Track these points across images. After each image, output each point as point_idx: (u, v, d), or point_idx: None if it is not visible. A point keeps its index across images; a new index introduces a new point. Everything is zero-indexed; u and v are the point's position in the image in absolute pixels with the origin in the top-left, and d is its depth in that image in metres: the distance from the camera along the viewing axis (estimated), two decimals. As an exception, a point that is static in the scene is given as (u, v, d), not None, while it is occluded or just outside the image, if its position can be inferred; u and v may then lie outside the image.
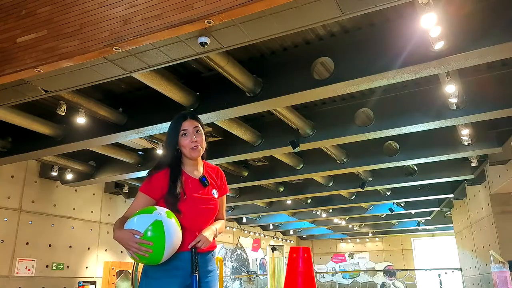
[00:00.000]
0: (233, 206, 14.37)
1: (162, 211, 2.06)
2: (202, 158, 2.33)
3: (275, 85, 5.72)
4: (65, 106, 6.23)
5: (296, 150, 7.53)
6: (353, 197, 13.12)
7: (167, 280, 2.06)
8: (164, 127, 6.54)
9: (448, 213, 15.78)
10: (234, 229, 17.75)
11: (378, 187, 11.20)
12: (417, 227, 18.39)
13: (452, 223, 15.49)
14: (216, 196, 2.27)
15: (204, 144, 2.27)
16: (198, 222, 2.17)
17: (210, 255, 2.21)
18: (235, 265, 17.65)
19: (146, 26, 3.94)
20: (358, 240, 23.08)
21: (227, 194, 2.46)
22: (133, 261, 9.06)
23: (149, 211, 2.06)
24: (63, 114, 6.27)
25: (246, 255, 18.66)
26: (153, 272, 2.09)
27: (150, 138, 7.95)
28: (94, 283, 10.47)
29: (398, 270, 20.69)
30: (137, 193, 2.20)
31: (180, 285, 2.08)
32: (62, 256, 10.14)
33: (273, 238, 20.53)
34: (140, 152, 9.24)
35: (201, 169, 2.28)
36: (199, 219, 2.18)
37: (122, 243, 2.00)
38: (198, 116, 2.36)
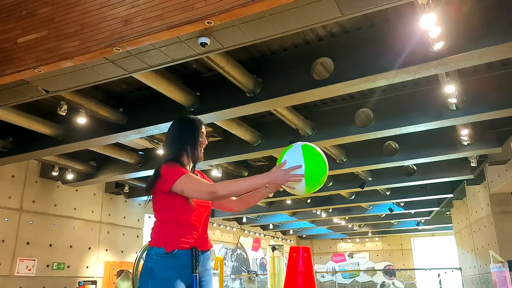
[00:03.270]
0: (233, 206, 14.35)
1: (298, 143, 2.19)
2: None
3: (275, 85, 5.73)
4: (66, 106, 6.24)
5: (296, 150, 7.53)
6: (353, 197, 13.13)
7: (176, 279, 2.05)
8: (165, 127, 6.55)
9: (447, 213, 15.81)
10: (234, 229, 17.76)
11: (377, 187, 11.22)
12: (416, 227, 18.42)
13: (451, 223, 15.52)
14: None
15: None
16: (201, 218, 2.21)
17: (209, 253, 2.24)
18: (235, 264, 17.67)
19: (146, 26, 3.95)
20: (357, 240, 23.09)
21: None
22: (133, 261, 9.05)
23: (288, 147, 2.18)
24: (64, 114, 6.28)
25: (246, 254, 18.68)
26: (159, 272, 2.05)
27: (151, 138, 7.96)
28: (94, 282, 10.48)
29: (397, 269, 20.71)
30: (183, 176, 2.10)
31: (185, 283, 2.08)
32: (63, 256, 10.15)
33: (273, 237, 20.55)
34: (141, 152, 9.26)
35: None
36: (201, 215, 2.22)
37: (278, 181, 2.07)
38: (199, 116, 2.44)
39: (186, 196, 2.11)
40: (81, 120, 6.53)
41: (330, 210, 15.56)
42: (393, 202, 14.05)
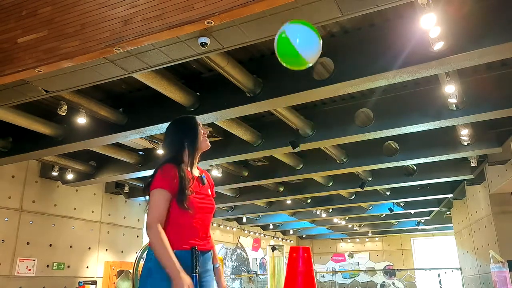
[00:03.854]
0: (233, 206, 14.38)
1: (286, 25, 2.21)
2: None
3: (275, 85, 5.73)
4: (66, 106, 6.24)
5: (296, 150, 7.55)
6: (353, 197, 13.13)
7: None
8: (165, 127, 6.49)
9: (447, 213, 15.81)
10: (234, 229, 17.76)
11: (377, 187, 11.22)
12: (416, 227, 18.41)
13: (451, 223, 15.52)
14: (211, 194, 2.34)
15: None
16: (203, 220, 2.19)
17: (209, 254, 2.23)
18: (235, 264, 17.67)
19: (146, 26, 3.96)
20: (357, 240, 23.09)
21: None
22: (133, 261, 9.07)
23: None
24: (64, 114, 6.28)
25: (246, 254, 18.68)
26: (158, 273, 2.04)
27: (151, 138, 7.96)
28: (94, 282, 10.48)
29: (397, 269, 20.71)
30: (156, 191, 2.08)
31: None
32: (63, 256, 10.15)
33: (273, 237, 20.55)
34: (141, 152, 9.26)
35: (197, 170, 2.34)
36: (203, 216, 2.20)
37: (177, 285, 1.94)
38: (198, 116, 2.43)
39: None
40: (81, 120, 6.54)
41: (330, 210, 15.56)
42: (393, 202, 14.05)
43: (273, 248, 10.02)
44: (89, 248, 10.89)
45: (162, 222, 2.07)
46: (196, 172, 2.30)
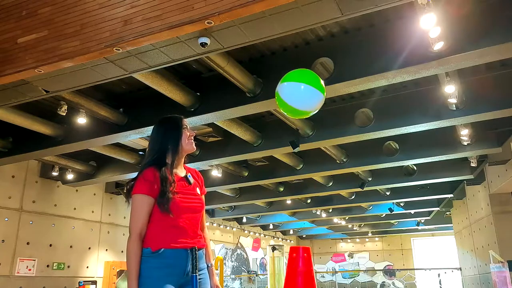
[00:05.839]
0: (233, 206, 14.38)
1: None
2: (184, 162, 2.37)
3: (275, 85, 5.69)
4: (66, 106, 6.24)
5: (296, 150, 7.55)
6: (353, 197, 13.14)
7: (164, 279, 2.05)
8: (165, 127, 6.53)
9: (447, 213, 15.81)
10: (234, 229, 17.77)
11: (377, 187, 11.22)
12: (416, 227, 18.43)
13: (451, 223, 15.52)
14: (199, 193, 2.30)
15: None
16: (190, 220, 2.18)
17: (201, 252, 2.23)
18: (235, 264, 17.68)
19: (146, 26, 3.96)
20: (357, 240, 23.10)
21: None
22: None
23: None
24: (64, 114, 6.28)
25: (246, 254, 18.68)
26: (148, 271, 2.05)
27: (151, 138, 7.96)
28: (94, 282, 10.49)
29: (397, 269, 20.72)
30: (137, 196, 2.10)
31: (175, 283, 2.08)
32: (63, 256, 10.16)
33: (273, 237, 20.56)
34: (141, 152, 9.25)
35: (183, 169, 2.32)
36: (190, 216, 2.18)
37: None
38: (199, 116, 2.40)
39: None
40: (81, 120, 6.54)
41: (330, 210, 15.57)
42: (393, 202, 14.05)
43: (273, 248, 10.02)
44: (89, 248, 10.89)
45: (143, 229, 2.09)
46: (181, 173, 2.27)
